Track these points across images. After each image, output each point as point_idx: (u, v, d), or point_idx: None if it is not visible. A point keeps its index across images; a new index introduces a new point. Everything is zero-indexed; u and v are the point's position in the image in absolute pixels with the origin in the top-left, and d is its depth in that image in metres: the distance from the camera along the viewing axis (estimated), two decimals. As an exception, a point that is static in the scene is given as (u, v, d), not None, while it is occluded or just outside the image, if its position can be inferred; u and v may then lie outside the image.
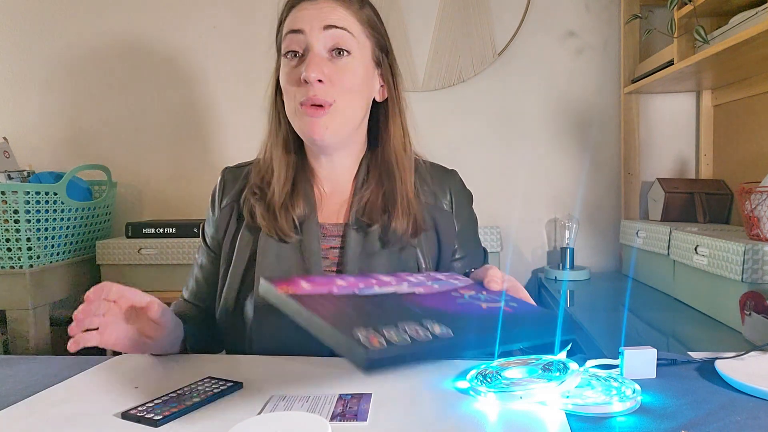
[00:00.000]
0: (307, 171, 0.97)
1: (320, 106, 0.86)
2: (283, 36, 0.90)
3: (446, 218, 0.98)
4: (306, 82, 0.85)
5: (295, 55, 0.88)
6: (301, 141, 0.96)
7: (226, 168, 1.04)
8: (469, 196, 1.04)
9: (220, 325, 0.94)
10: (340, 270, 0.91)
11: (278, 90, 0.95)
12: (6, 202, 1.73)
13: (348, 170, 0.98)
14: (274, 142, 0.95)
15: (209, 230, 1.02)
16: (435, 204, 0.98)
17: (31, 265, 1.78)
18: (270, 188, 0.94)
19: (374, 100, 0.97)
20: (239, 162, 1.05)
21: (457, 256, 0.99)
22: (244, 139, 2.09)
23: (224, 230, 0.98)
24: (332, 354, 0.88)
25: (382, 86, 0.96)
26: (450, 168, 1.05)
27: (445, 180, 1.01)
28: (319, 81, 0.85)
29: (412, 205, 0.93)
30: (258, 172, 0.97)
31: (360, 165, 0.98)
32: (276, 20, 0.95)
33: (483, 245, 1.07)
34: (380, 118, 0.97)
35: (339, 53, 0.87)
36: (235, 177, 1.01)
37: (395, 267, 0.90)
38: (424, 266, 0.93)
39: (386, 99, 0.97)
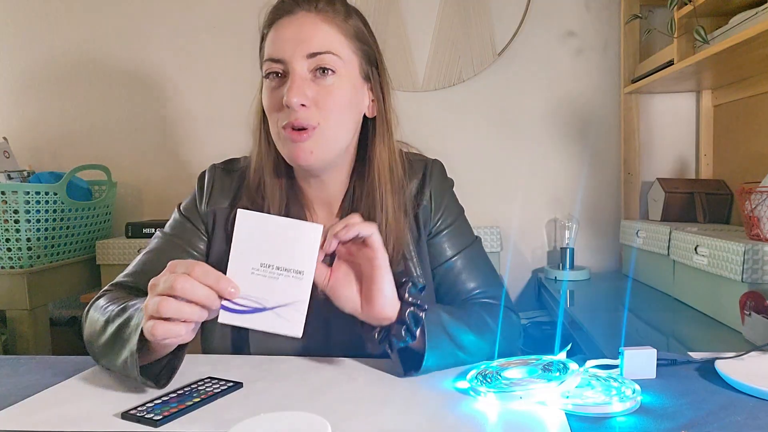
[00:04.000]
0: (297, 193, 0.94)
1: (303, 129, 0.82)
2: (261, 60, 0.87)
3: (426, 214, 0.95)
4: (288, 106, 0.81)
5: (277, 75, 0.84)
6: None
7: (216, 168, 0.99)
8: (450, 184, 1.02)
9: (208, 329, 0.94)
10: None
11: (264, 109, 0.90)
12: (6, 202, 1.73)
13: (339, 188, 0.94)
14: (264, 164, 0.91)
15: (189, 209, 0.96)
16: (418, 203, 0.95)
17: (31, 265, 1.78)
18: (264, 210, 0.90)
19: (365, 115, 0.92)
20: (229, 159, 1.01)
21: (449, 255, 0.95)
22: (244, 137, 2.08)
23: (207, 234, 0.95)
24: (332, 354, 0.89)
25: (372, 101, 0.91)
26: (432, 159, 1.01)
27: (424, 176, 0.97)
28: (302, 105, 0.81)
29: (393, 230, 0.89)
30: (249, 195, 0.92)
31: (350, 182, 0.94)
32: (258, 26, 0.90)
33: (485, 252, 1.03)
34: (369, 135, 0.92)
35: (323, 72, 0.83)
36: (223, 185, 0.96)
37: None
38: (418, 275, 0.92)
39: (375, 116, 0.92)
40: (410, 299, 0.76)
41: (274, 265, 0.67)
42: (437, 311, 0.80)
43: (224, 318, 0.66)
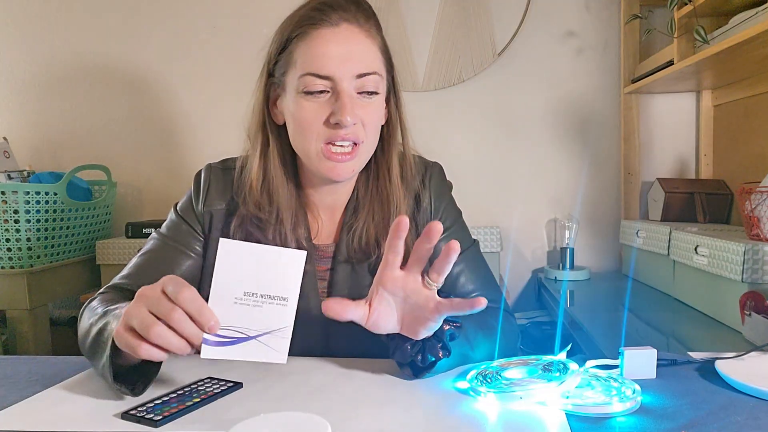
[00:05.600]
0: (302, 198, 0.93)
1: (346, 152, 0.83)
2: (298, 73, 0.82)
3: (426, 217, 0.95)
4: (337, 124, 0.80)
5: (321, 92, 0.82)
6: (295, 167, 0.92)
7: (212, 167, 0.98)
8: (449, 187, 1.02)
9: None
10: (330, 292, 0.90)
11: (267, 112, 0.90)
12: (6, 202, 1.73)
13: (346, 193, 0.94)
14: (270, 168, 0.89)
15: (185, 209, 0.96)
16: (418, 206, 0.95)
17: (31, 265, 1.78)
18: (271, 219, 0.89)
19: None
20: (225, 158, 1.00)
21: (442, 239, 0.94)
22: (244, 137, 2.08)
23: (203, 235, 0.94)
24: (332, 354, 0.89)
25: (385, 108, 0.91)
26: (432, 161, 1.01)
27: (424, 179, 0.97)
28: (354, 124, 0.82)
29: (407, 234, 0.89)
30: (253, 200, 0.90)
31: (355, 187, 0.94)
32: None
33: (482, 245, 1.04)
34: (382, 139, 0.91)
35: (368, 93, 0.83)
36: (219, 185, 0.95)
37: None
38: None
39: (388, 120, 0.92)
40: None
41: (258, 293, 0.65)
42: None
43: (206, 353, 0.64)
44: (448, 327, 0.73)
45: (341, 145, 0.82)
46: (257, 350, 0.65)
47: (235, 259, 0.64)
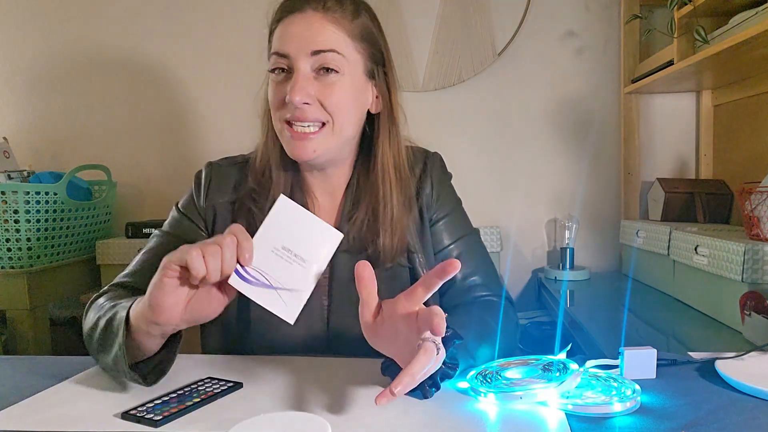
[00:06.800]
0: (301, 182, 0.96)
1: (307, 131, 0.84)
2: (269, 53, 0.88)
3: (428, 202, 0.97)
4: (290, 103, 0.83)
5: (282, 71, 0.86)
6: None
7: (212, 165, 1.00)
8: (449, 177, 1.03)
9: (208, 328, 0.94)
10: (331, 282, 0.91)
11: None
12: (6, 202, 1.73)
13: (342, 179, 0.96)
14: (270, 153, 0.93)
15: (187, 206, 0.97)
16: (421, 192, 0.96)
17: (31, 265, 1.78)
18: (269, 195, 0.91)
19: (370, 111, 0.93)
20: (225, 156, 1.02)
21: (447, 242, 0.97)
22: (245, 136, 2.08)
23: (206, 230, 0.95)
24: (332, 354, 0.89)
25: (376, 97, 0.93)
26: (432, 151, 1.02)
27: (425, 166, 0.98)
28: (306, 103, 0.83)
29: (398, 225, 0.90)
30: (255, 178, 0.94)
31: (352, 174, 0.96)
32: (266, 21, 0.91)
33: (483, 244, 1.04)
34: (374, 130, 0.94)
35: (326, 71, 0.84)
36: (221, 181, 0.97)
37: (385, 286, 0.78)
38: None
39: (380, 111, 0.93)
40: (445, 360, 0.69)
41: (293, 251, 0.71)
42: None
43: (234, 281, 0.69)
44: (442, 368, 0.68)
45: (302, 125, 0.84)
46: (273, 300, 0.70)
47: (285, 216, 0.72)
